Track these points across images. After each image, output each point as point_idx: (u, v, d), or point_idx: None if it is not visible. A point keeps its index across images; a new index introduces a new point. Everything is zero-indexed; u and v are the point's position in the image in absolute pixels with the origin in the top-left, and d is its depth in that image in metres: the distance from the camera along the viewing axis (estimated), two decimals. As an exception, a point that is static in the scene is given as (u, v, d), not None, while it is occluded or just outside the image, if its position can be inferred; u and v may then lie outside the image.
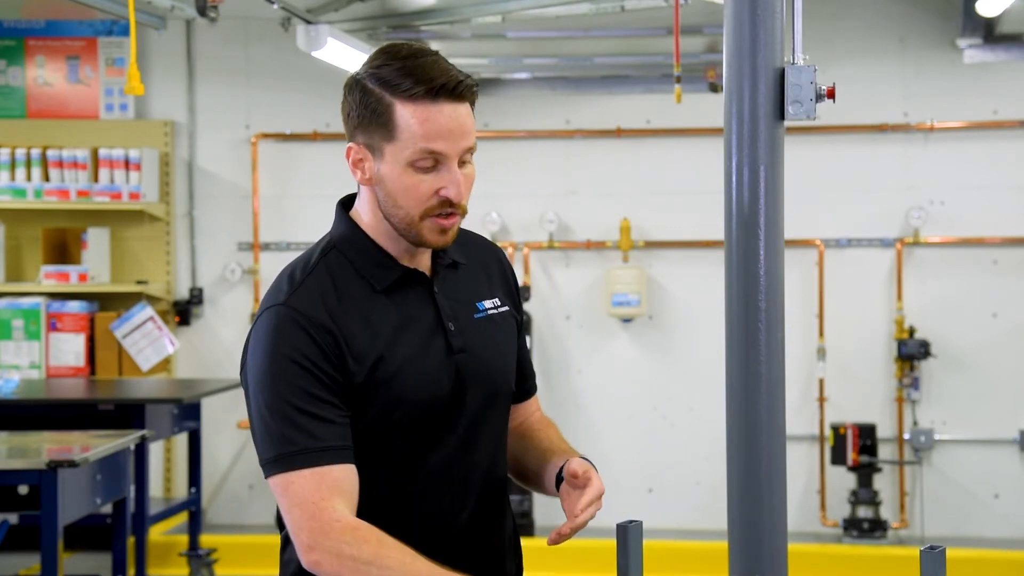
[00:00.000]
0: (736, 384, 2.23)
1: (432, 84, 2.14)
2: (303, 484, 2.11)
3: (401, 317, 2.23)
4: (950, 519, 7.13)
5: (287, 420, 2.13)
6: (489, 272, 2.40)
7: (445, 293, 2.29)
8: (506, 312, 2.38)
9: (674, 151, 7.34)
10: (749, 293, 2.26)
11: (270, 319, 2.18)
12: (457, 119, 2.17)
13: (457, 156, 2.18)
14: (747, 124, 2.23)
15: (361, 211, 2.28)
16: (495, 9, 6.29)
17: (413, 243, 2.24)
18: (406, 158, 2.17)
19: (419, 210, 2.19)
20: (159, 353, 7.26)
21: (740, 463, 2.37)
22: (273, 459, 2.14)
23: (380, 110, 2.17)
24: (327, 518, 2.10)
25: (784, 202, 2.19)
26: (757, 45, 2.21)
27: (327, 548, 2.09)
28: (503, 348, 2.35)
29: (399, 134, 2.16)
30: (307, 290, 2.19)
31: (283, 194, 7.53)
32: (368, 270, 2.24)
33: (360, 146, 2.22)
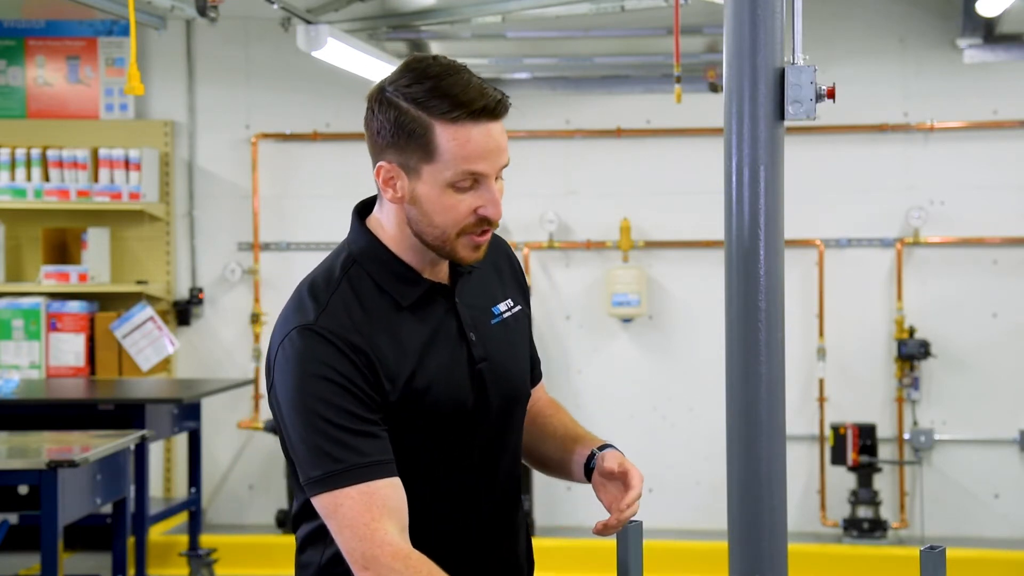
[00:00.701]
0: (736, 384, 2.23)
1: (473, 107, 2.13)
2: (351, 506, 2.09)
3: (428, 332, 2.22)
4: (950, 519, 7.13)
5: (329, 438, 2.11)
6: (500, 270, 2.40)
7: (464, 301, 2.29)
8: (519, 312, 2.38)
9: (674, 151, 7.34)
10: (749, 293, 2.26)
11: (300, 340, 2.15)
12: (495, 139, 2.17)
13: (495, 174, 2.19)
14: (747, 124, 2.23)
15: (385, 224, 2.25)
16: (495, 9, 6.29)
17: (445, 258, 2.23)
18: (447, 179, 2.15)
19: (456, 229, 2.17)
20: (159, 353, 7.26)
21: (740, 463, 2.36)
22: (318, 479, 2.11)
23: (418, 131, 2.14)
24: (378, 541, 2.08)
25: (784, 202, 2.19)
26: (757, 45, 2.21)
27: (379, 573, 2.08)
28: (519, 353, 2.36)
29: (439, 156, 2.14)
30: (334, 309, 2.17)
31: (283, 194, 7.53)
32: (392, 286, 2.22)
33: (393, 165, 2.20)
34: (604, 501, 2.31)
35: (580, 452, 2.38)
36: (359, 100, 7.93)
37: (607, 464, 2.31)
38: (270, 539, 7.16)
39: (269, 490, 7.51)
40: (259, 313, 7.47)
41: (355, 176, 7.47)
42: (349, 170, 7.46)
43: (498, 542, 2.31)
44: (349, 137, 7.47)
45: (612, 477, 2.31)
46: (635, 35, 7.15)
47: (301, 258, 7.47)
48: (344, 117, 7.47)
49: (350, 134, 7.47)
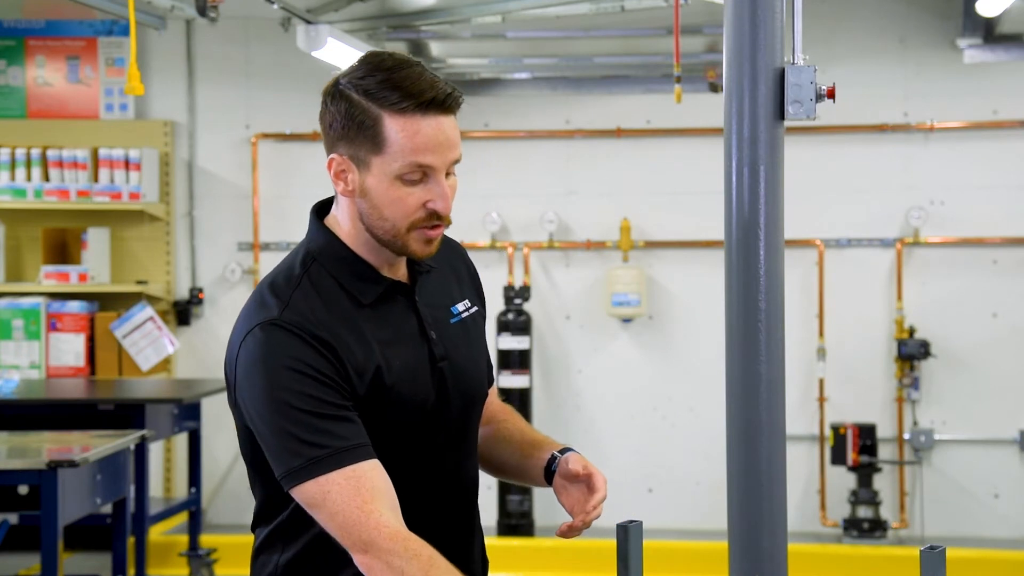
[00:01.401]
0: (736, 384, 2.23)
1: (422, 98, 2.13)
2: (340, 491, 2.07)
3: (389, 330, 2.21)
4: (950, 519, 7.13)
5: (306, 426, 2.08)
6: (458, 272, 2.40)
7: (424, 300, 2.28)
8: (475, 312, 2.38)
9: (674, 151, 7.34)
10: (749, 293, 2.26)
11: (264, 335, 2.13)
12: (445, 132, 2.17)
13: (444, 168, 2.18)
14: (747, 124, 2.23)
15: (341, 221, 2.25)
16: (495, 9, 6.29)
17: (397, 253, 2.22)
18: (394, 171, 2.14)
19: (406, 222, 2.17)
20: (159, 353, 7.26)
21: (740, 463, 2.36)
22: (300, 467, 2.09)
23: (367, 123, 2.15)
24: (374, 523, 2.07)
25: (784, 202, 2.19)
26: (757, 45, 2.21)
27: (379, 557, 2.06)
28: (476, 353, 2.36)
29: (388, 147, 2.14)
30: (296, 305, 2.15)
31: (283, 194, 7.53)
32: (351, 284, 2.21)
33: (343, 157, 2.19)
34: (566, 504, 2.32)
35: (539, 456, 2.38)
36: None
37: (571, 466, 2.31)
38: (270, 539, 7.16)
39: (269, 490, 7.50)
40: (259, 313, 7.46)
41: (355, 176, 7.47)
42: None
43: (456, 542, 2.30)
44: (349, 137, 7.46)
45: (576, 479, 2.31)
46: (635, 35, 7.15)
47: (301, 258, 7.46)
48: (344, 117, 7.47)
49: (350, 134, 7.46)
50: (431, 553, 2.08)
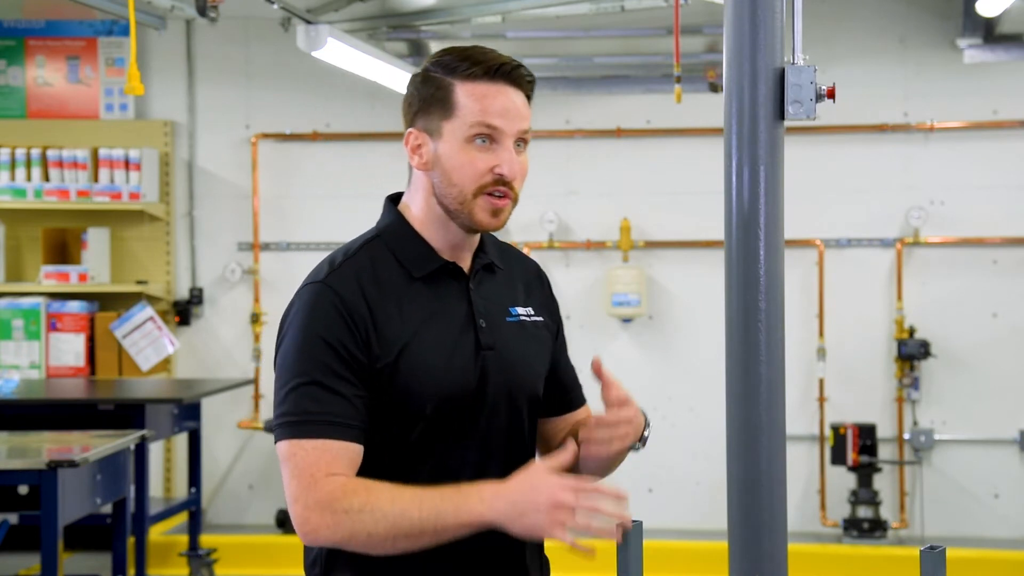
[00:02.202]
0: (736, 384, 2.23)
1: (490, 64, 2.25)
2: (305, 456, 2.15)
3: (434, 307, 2.27)
4: (950, 519, 7.13)
5: (305, 390, 2.18)
6: (529, 285, 2.44)
7: (480, 292, 2.33)
8: (540, 322, 2.41)
9: (674, 151, 7.34)
10: (749, 293, 2.26)
11: (306, 295, 2.25)
12: (512, 100, 2.27)
13: (513, 136, 2.26)
14: (747, 124, 2.23)
15: (411, 203, 2.34)
16: (495, 9, 6.29)
17: (464, 226, 2.28)
18: (464, 134, 2.24)
19: (473, 186, 2.25)
20: (159, 353, 7.26)
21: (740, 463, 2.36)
22: (283, 424, 2.19)
23: (440, 92, 2.26)
24: (319, 486, 2.13)
25: (784, 202, 2.19)
26: (757, 45, 2.21)
27: (318, 508, 2.12)
28: (531, 353, 2.37)
29: (458, 111, 2.25)
30: (345, 271, 2.25)
31: (283, 194, 7.53)
32: (407, 258, 2.29)
33: (419, 131, 2.29)
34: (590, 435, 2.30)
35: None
36: (359, 100, 7.99)
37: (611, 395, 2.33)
38: (270, 539, 7.16)
39: (269, 490, 7.51)
40: (259, 313, 7.47)
41: (355, 176, 7.47)
42: (349, 170, 7.46)
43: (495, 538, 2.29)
44: (349, 137, 7.47)
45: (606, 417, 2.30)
46: (635, 35, 7.15)
47: (301, 258, 7.47)
48: (344, 117, 7.48)
49: (350, 134, 7.47)
50: (368, 483, 2.14)
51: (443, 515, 2.10)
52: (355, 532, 2.12)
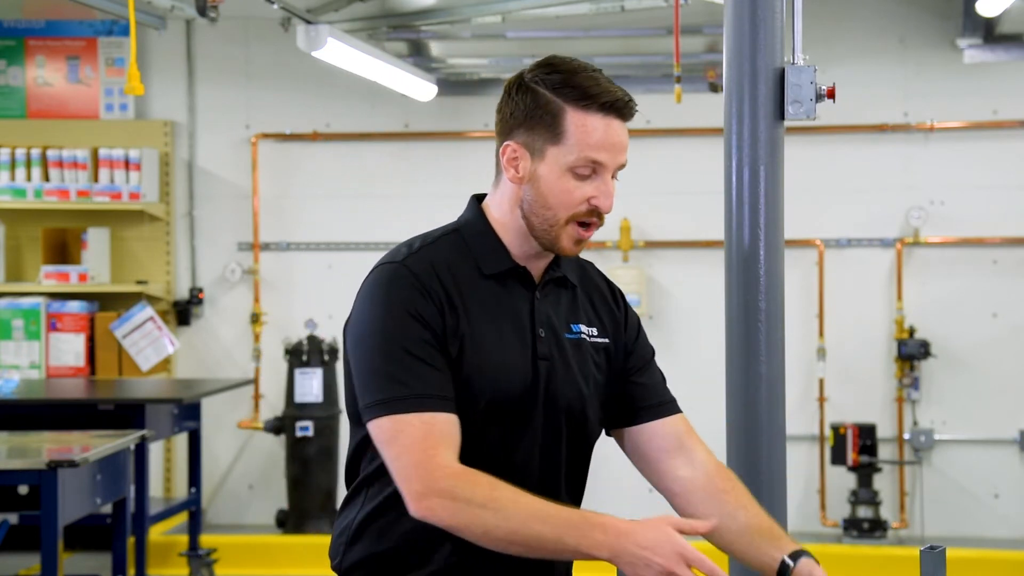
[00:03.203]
0: (736, 384, 2.23)
1: (605, 99, 2.24)
2: (412, 432, 2.14)
3: (499, 307, 2.28)
4: (950, 519, 7.13)
5: (400, 364, 2.18)
6: (597, 307, 2.42)
7: (545, 302, 2.33)
8: (601, 344, 2.38)
9: (674, 151, 7.34)
10: (749, 293, 2.26)
11: (384, 273, 2.25)
12: (619, 135, 2.27)
13: (613, 169, 2.27)
14: (747, 124, 2.23)
15: (493, 206, 2.34)
16: (495, 9, 6.28)
17: (546, 247, 2.29)
18: (568, 163, 2.24)
19: (567, 215, 2.26)
20: (159, 353, 7.25)
21: (740, 463, 2.36)
22: (382, 401, 2.17)
23: (550, 114, 2.25)
24: (436, 464, 2.13)
25: (784, 202, 2.19)
26: (757, 45, 2.21)
27: (440, 493, 2.12)
28: (585, 372, 2.35)
29: (565, 139, 2.24)
30: (422, 256, 2.26)
31: (283, 194, 7.53)
32: (481, 255, 2.30)
33: (519, 145, 2.28)
34: None
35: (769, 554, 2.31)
36: (359, 100, 8.00)
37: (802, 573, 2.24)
38: (270, 539, 7.16)
39: (269, 490, 7.50)
40: (259, 313, 7.46)
41: (355, 176, 7.47)
42: (349, 170, 7.46)
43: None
44: (349, 137, 7.47)
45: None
46: (635, 35, 7.14)
47: (301, 258, 7.47)
48: (344, 117, 7.47)
49: (350, 134, 7.47)
50: (492, 480, 2.13)
51: (565, 537, 2.09)
52: (471, 524, 2.11)
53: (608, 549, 2.09)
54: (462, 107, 7.40)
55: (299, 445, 7.09)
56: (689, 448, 2.42)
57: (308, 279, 7.44)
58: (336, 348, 7.15)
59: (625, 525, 2.12)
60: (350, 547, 2.31)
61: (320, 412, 7.10)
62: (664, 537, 2.12)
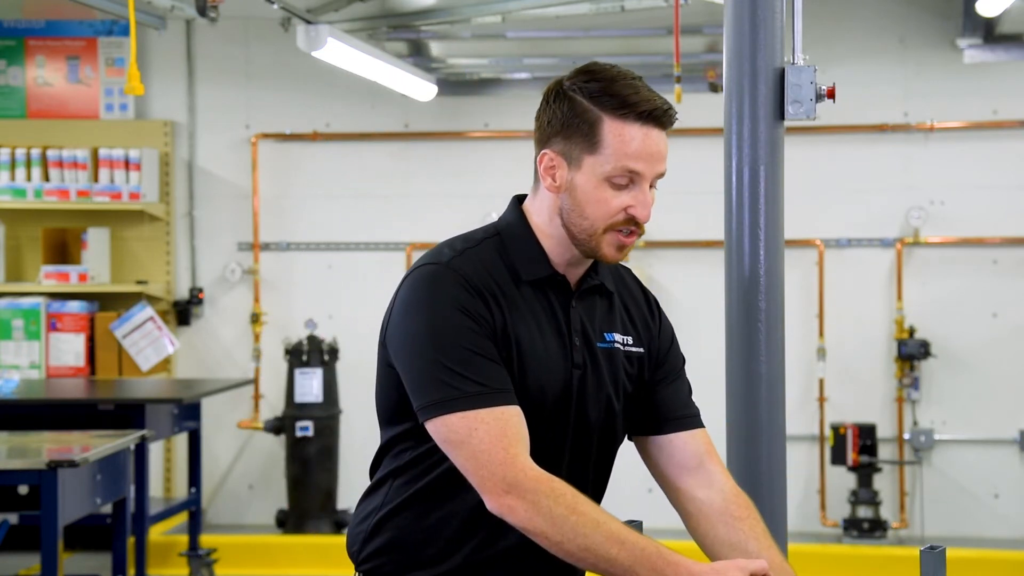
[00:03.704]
0: (736, 384, 2.23)
1: (643, 108, 2.22)
2: (488, 429, 2.12)
3: (536, 313, 2.27)
4: (950, 519, 7.13)
5: (461, 360, 2.15)
6: (633, 316, 2.40)
7: (582, 311, 2.32)
8: (634, 353, 2.37)
9: (674, 151, 7.28)
10: (749, 293, 2.26)
11: (430, 273, 2.22)
12: (657, 144, 2.26)
13: (650, 178, 2.27)
14: (747, 124, 2.23)
15: (534, 210, 2.33)
16: (495, 9, 6.28)
17: (587, 254, 2.28)
18: (606, 172, 2.23)
19: (604, 224, 2.25)
20: (159, 353, 7.25)
21: (740, 463, 2.36)
22: (450, 399, 2.15)
23: (586, 123, 2.23)
24: (519, 465, 2.12)
25: (784, 202, 2.19)
26: (757, 45, 2.21)
27: (523, 494, 2.11)
28: (616, 382, 2.34)
29: (603, 148, 2.22)
30: (468, 258, 2.24)
31: (283, 194, 7.53)
32: (520, 260, 2.28)
33: (556, 153, 2.27)
34: None
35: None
36: (359, 100, 8.00)
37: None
38: (270, 539, 7.16)
39: (269, 490, 7.50)
40: (259, 313, 7.46)
41: (355, 176, 7.47)
42: (349, 170, 7.46)
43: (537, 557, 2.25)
44: (349, 137, 7.47)
45: None
46: (635, 35, 7.14)
47: (301, 258, 7.47)
48: (344, 117, 7.47)
49: (350, 134, 7.47)
50: (575, 492, 2.12)
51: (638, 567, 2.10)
52: (549, 532, 2.11)
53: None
54: (462, 107, 7.40)
55: (299, 445, 7.09)
56: (709, 469, 2.41)
57: (308, 279, 7.44)
58: (336, 348, 7.15)
59: (699, 568, 2.12)
60: (370, 538, 2.30)
61: (320, 412, 7.10)
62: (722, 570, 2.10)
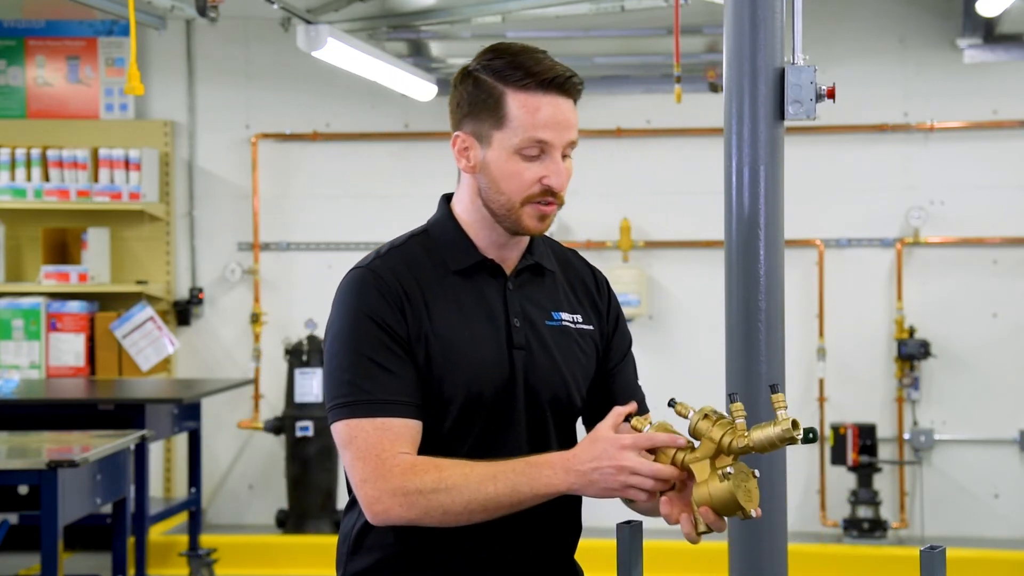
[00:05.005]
0: (736, 384, 2.23)
1: (545, 76, 2.24)
2: (367, 437, 2.17)
3: (468, 303, 2.29)
4: (950, 519, 7.13)
5: (359, 369, 2.20)
6: (577, 291, 2.42)
7: (522, 293, 2.34)
8: (586, 330, 2.38)
9: (674, 151, 7.34)
10: (749, 293, 2.26)
11: (351, 278, 2.28)
12: (563, 112, 2.26)
13: (561, 147, 2.26)
14: (747, 124, 2.23)
15: (458, 202, 2.36)
16: (495, 9, 6.29)
17: (510, 230, 2.30)
18: (514, 145, 2.24)
19: (521, 196, 2.26)
20: (159, 353, 7.25)
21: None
22: (339, 405, 2.21)
23: (491, 99, 2.25)
24: (388, 467, 2.16)
25: (784, 202, 2.19)
26: (757, 45, 2.21)
27: (390, 491, 2.14)
28: (569, 358, 2.34)
29: (509, 122, 2.24)
30: (389, 259, 2.29)
31: (283, 194, 7.53)
32: (448, 251, 2.31)
33: (467, 135, 2.30)
34: None
35: None
36: (359, 100, 7.99)
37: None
38: (270, 539, 7.16)
39: (269, 490, 7.50)
40: (259, 313, 7.46)
41: (355, 176, 7.47)
42: (349, 170, 7.46)
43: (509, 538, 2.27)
44: (349, 137, 7.47)
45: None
46: (635, 35, 7.14)
47: (301, 258, 7.47)
48: (344, 117, 7.47)
49: (350, 134, 7.47)
50: (437, 462, 2.16)
51: (518, 487, 2.12)
52: (430, 510, 2.14)
53: (561, 482, 2.11)
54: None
55: (299, 445, 7.09)
56: None
57: (308, 279, 7.44)
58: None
59: (565, 456, 2.13)
60: (352, 557, 2.31)
61: (320, 412, 7.10)
62: (601, 444, 2.11)
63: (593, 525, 2.34)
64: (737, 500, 2.04)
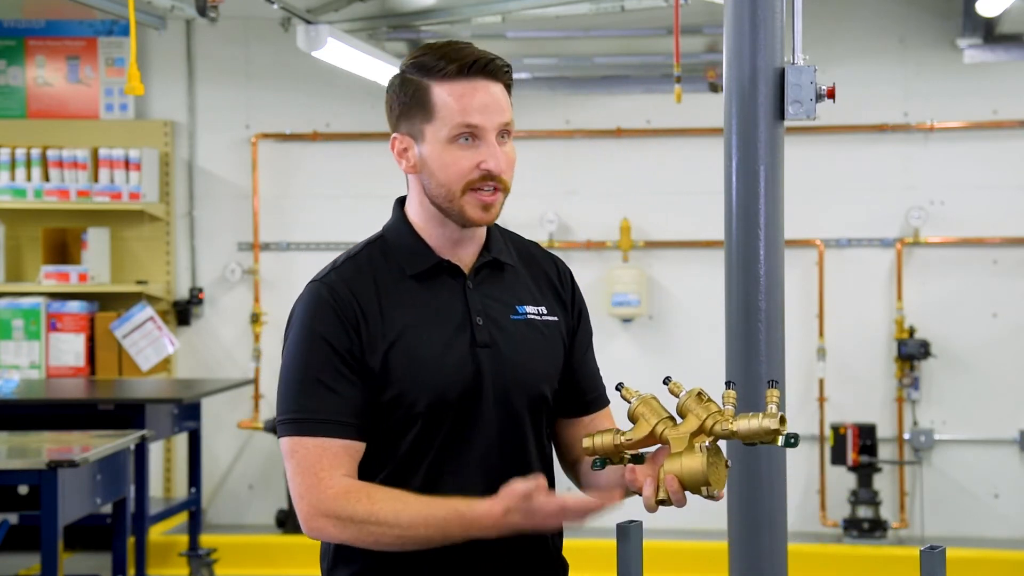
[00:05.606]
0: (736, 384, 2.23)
1: (464, 61, 2.24)
2: (306, 454, 2.21)
3: (428, 305, 2.28)
4: (950, 519, 7.13)
5: (303, 387, 2.23)
6: (541, 282, 2.41)
7: (483, 291, 2.32)
8: (552, 322, 2.38)
9: (674, 151, 7.34)
10: (749, 293, 2.26)
11: (307, 293, 2.30)
12: (491, 94, 2.26)
13: (494, 130, 2.25)
14: (747, 124, 2.23)
15: (409, 204, 2.36)
16: (495, 9, 6.29)
17: (457, 222, 2.28)
18: (445, 135, 2.24)
19: (460, 184, 2.25)
20: (159, 353, 7.25)
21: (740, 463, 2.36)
22: (284, 421, 2.25)
23: (419, 94, 2.26)
24: (322, 487, 2.18)
25: (784, 202, 2.19)
26: (757, 45, 2.21)
27: (325, 513, 2.18)
28: (538, 351, 2.34)
29: (436, 113, 2.24)
30: (343, 271, 2.30)
31: (283, 194, 7.53)
32: (404, 257, 2.31)
33: (403, 135, 2.30)
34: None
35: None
36: (359, 100, 7.99)
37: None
38: (270, 539, 7.16)
39: (269, 490, 7.50)
40: (259, 313, 7.46)
41: (355, 176, 7.47)
42: (349, 170, 7.46)
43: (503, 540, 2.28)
44: (349, 137, 7.47)
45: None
46: (635, 35, 7.15)
47: (301, 258, 7.47)
48: (344, 117, 7.47)
49: (350, 134, 7.47)
50: (370, 491, 2.18)
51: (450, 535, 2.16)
52: (360, 538, 2.19)
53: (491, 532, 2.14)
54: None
55: (299, 445, 7.08)
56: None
57: (308, 279, 7.41)
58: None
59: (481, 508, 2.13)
60: (333, 572, 2.33)
61: (320, 412, 7.09)
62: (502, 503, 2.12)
63: (593, 525, 2.34)
64: (705, 475, 2.06)
